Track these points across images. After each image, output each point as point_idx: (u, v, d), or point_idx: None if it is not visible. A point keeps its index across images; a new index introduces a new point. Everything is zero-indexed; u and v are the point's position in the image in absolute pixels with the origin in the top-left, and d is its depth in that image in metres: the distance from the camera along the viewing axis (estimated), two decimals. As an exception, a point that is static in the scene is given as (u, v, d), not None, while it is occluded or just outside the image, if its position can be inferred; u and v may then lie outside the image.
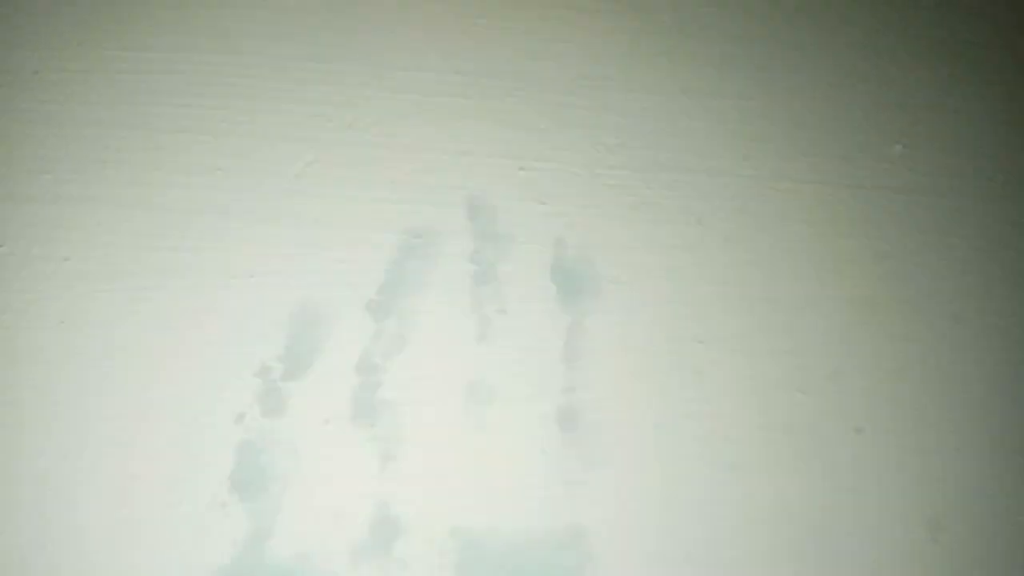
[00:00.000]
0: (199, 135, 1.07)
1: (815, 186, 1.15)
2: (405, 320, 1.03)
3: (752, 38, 1.21)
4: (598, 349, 1.04)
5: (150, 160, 1.05)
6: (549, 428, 1.00)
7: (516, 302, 1.05)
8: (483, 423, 1.00)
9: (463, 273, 1.06)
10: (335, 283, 1.03)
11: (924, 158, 1.18)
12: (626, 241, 1.10)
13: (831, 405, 1.05)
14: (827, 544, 1.00)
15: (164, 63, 1.09)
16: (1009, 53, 1.23)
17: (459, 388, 1.01)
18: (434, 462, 0.98)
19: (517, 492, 0.98)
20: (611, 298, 1.07)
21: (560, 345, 1.04)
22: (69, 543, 0.90)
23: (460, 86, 1.14)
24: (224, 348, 0.99)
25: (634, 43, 1.19)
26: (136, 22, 1.10)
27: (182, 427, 0.95)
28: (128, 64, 1.09)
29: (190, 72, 1.09)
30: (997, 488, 1.05)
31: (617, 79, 1.18)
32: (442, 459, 0.98)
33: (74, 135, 1.04)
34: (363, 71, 1.13)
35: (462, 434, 0.99)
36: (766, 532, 0.99)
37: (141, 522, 0.92)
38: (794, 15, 1.23)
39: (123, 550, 0.91)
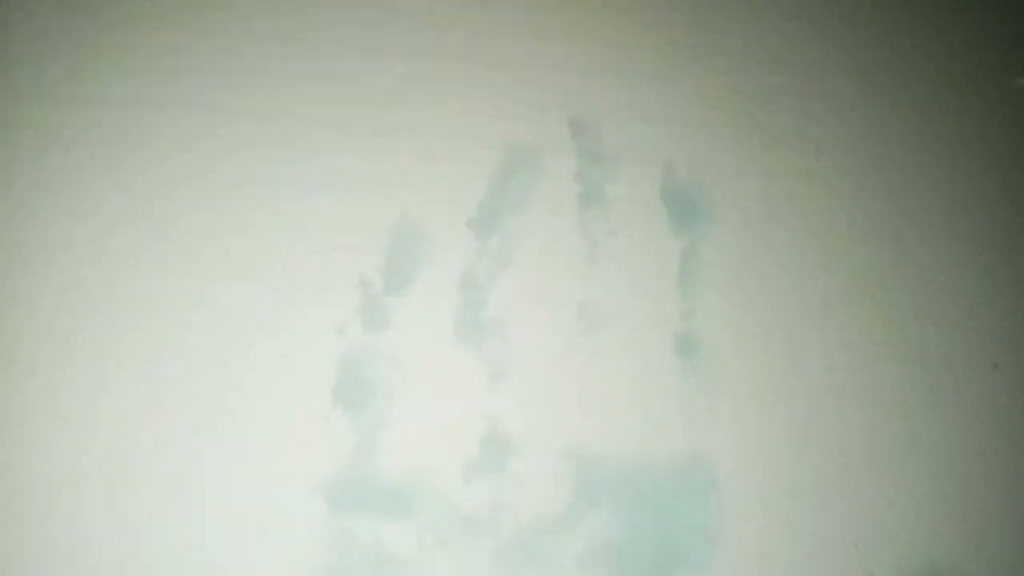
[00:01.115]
0: (281, 43, 1.03)
1: (936, 116, 1.08)
2: (509, 238, 0.98)
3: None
4: (715, 276, 0.99)
5: (229, 66, 1.01)
6: (666, 355, 0.96)
7: (625, 224, 1.00)
8: (597, 346, 0.95)
9: (568, 193, 1.01)
10: (434, 198, 0.99)
11: (1051, 92, 1.11)
12: (740, 166, 1.04)
13: (966, 339, 1.00)
14: (971, 488, 0.94)
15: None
16: None
17: (570, 310, 0.96)
18: (546, 382, 0.94)
19: (635, 416, 0.94)
20: (726, 224, 1.01)
21: (675, 270, 0.99)
22: (162, 451, 0.87)
23: (561, 1, 1.08)
24: (322, 257, 0.94)
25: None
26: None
27: (280, 336, 0.92)
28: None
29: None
30: None
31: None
32: (554, 380, 0.94)
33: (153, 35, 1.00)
34: (458, -17, 1.08)
35: (575, 356, 0.95)
36: (898, 468, 0.95)
37: (242, 431, 0.89)
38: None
39: (223, 461, 0.88)
